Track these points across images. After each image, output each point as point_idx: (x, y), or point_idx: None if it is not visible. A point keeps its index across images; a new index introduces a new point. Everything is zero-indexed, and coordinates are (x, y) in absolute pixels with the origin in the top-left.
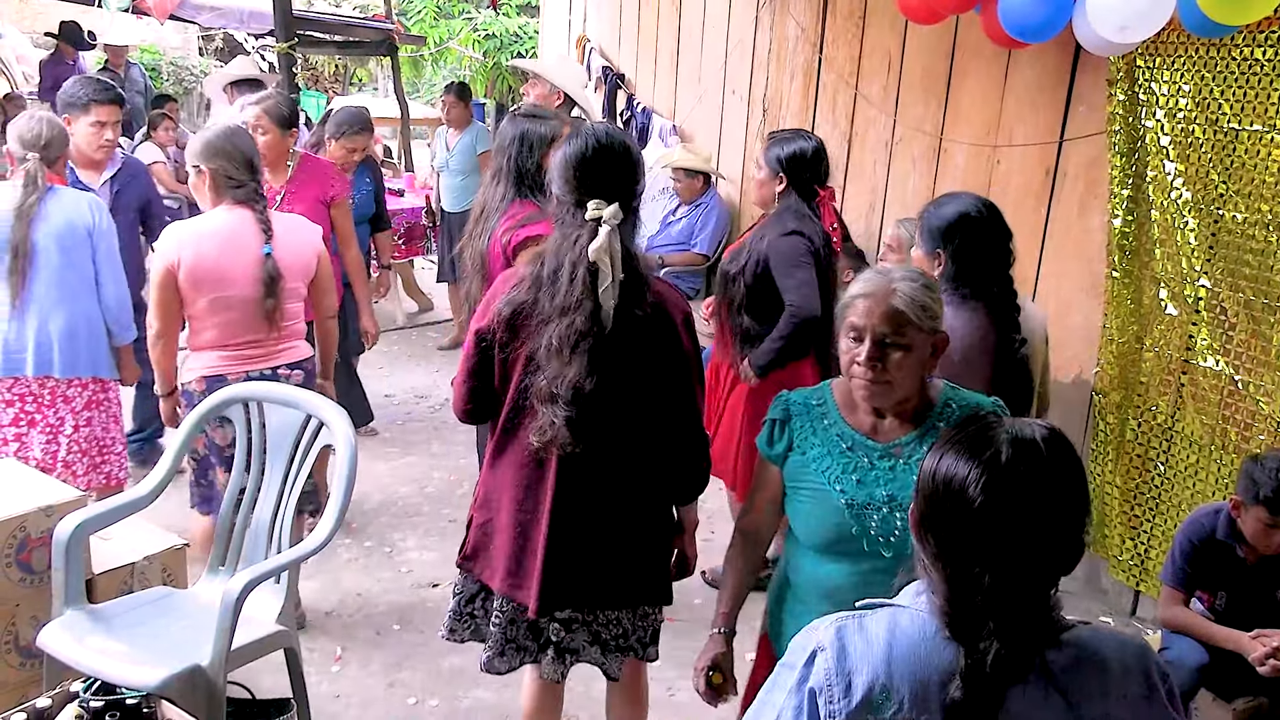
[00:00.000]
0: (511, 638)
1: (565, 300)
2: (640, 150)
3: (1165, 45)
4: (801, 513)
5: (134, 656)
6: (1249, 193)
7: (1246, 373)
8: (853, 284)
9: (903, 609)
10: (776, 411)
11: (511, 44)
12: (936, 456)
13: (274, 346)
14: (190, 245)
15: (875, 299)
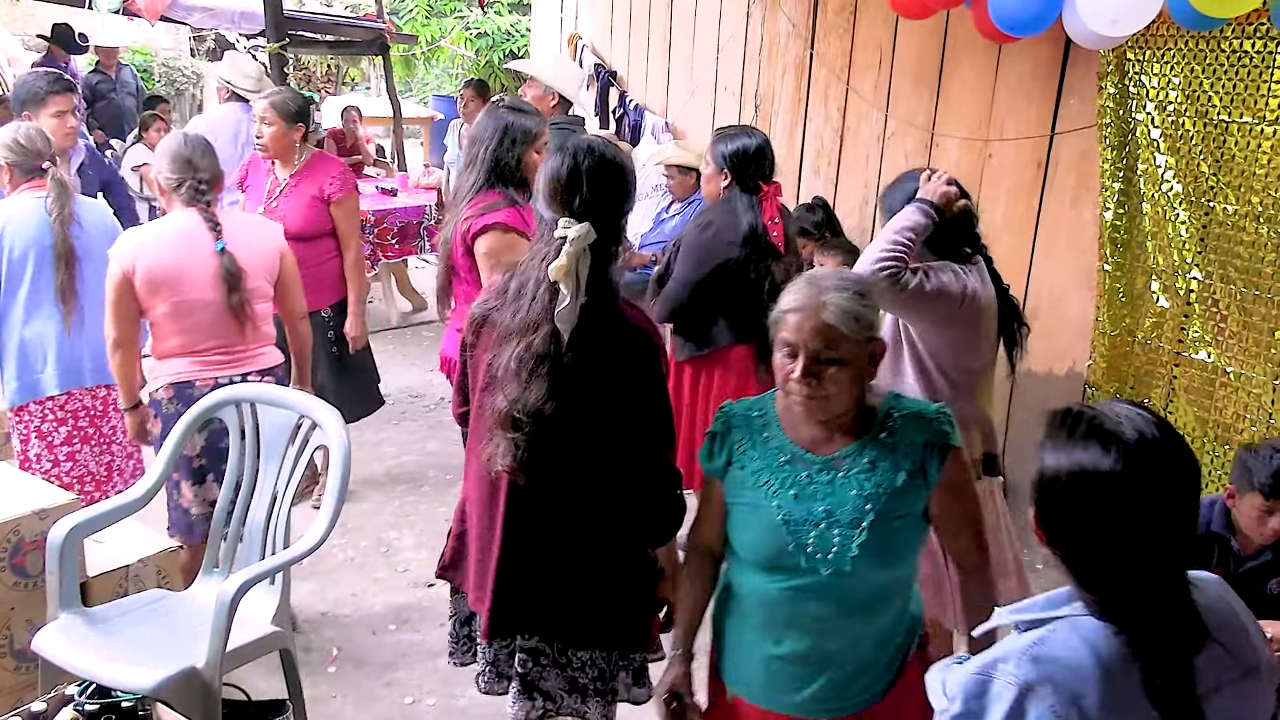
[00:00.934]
0: (491, 660)
1: (524, 319)
2: (631, 168)
3: (1155, 38)
4: (739, 527)
5: (129, 659)
6: (1239, 185)
7: (1239, 364)
8: (784, 295)
9: (1070, 620)
10: (717, 424)
11: (503, 42)
12: (1057, 456)
13: (242, 352)
14: (145, 249)
15: (806, 313)
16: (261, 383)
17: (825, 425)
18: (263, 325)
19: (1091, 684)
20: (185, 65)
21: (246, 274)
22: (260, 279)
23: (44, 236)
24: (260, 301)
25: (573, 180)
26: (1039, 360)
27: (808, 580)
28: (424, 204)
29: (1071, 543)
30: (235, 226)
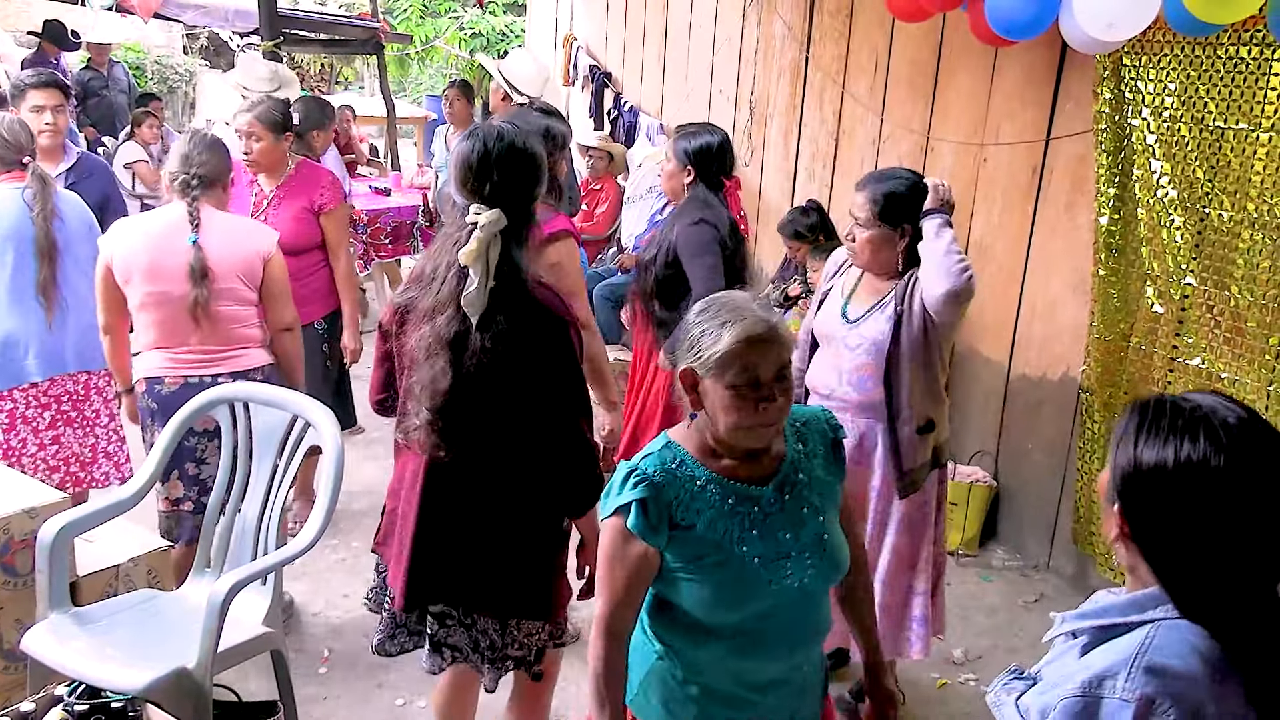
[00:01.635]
0: (401, 623)
1: (433, 302)
2: (541, 154)
3: (1151, 44)
4: (700, 591)
5: (119, 659)
6: (1235, 191)
7: (1233, 371)
8: (728, 325)
9: (1167, 624)
10: (638, 492)
11: (498, 42)
12: (1155, 448)
13: (215, 352)
14: (122, 238)
15: (769, 344)
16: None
17: (756, 452)
18: (237, 327)
19: (1207, 693)
20: (178, 63)
21: (214, 272)
22: (233, 280)
23: (23, 228)
24: (232, 303)
25: (483, 166)
26: (1033, 365)
27: (779, 603)
28: (417, 204)
29: (1168, 539)
30: (220, 225)
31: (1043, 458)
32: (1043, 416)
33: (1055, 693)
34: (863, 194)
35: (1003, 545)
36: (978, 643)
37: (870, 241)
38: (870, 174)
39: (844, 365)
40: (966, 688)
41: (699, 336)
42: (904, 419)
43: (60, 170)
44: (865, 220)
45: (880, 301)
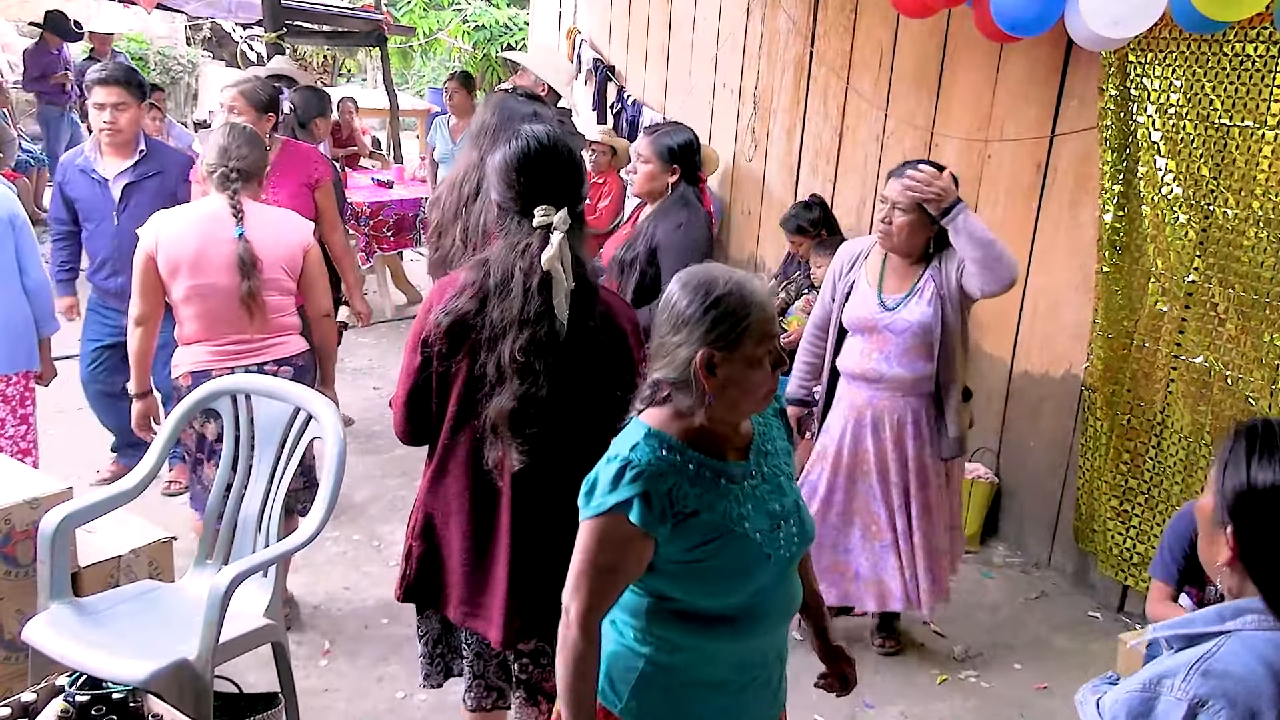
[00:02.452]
0: (480, 673)
1: (522, 312)
2: (580, 153)
3: (1157, 41)
4: (711, 577)
5: (120, 650)
6: (1240, 189)
7: (1236, 368)
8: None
9: (1239, 634)
10: (635, 487)
11: (501, 35)
12: (1267, 472)
13: (259, 341)
14: (167, 230)
15: (770, 311)
16: (278, 372)
17: (736, 427)
18: (278, 316)
19: (1268, 700)
20: (181, 54)
21: (261, 262)
22: (277, 270)
23: None
24: (277, 293)
25: (543, 165)
26: (1036, 362)
27: (773, 575)
28: (420, 196)
29: (1274, 555)
30: (261, 216)
31: (1045, 455)
32: (1045, 414)
33: (1123, 690)
34: (901, 180)
35: (1004, 542)
36: (979, 640)
37: (909, 225)
38: (905, 162)
39: (892, 350)
40: (967, 684)
41: (716, 316)
42: (952, 391)
43: (123, 167)
44: (906, 205)
45: (916, 286)
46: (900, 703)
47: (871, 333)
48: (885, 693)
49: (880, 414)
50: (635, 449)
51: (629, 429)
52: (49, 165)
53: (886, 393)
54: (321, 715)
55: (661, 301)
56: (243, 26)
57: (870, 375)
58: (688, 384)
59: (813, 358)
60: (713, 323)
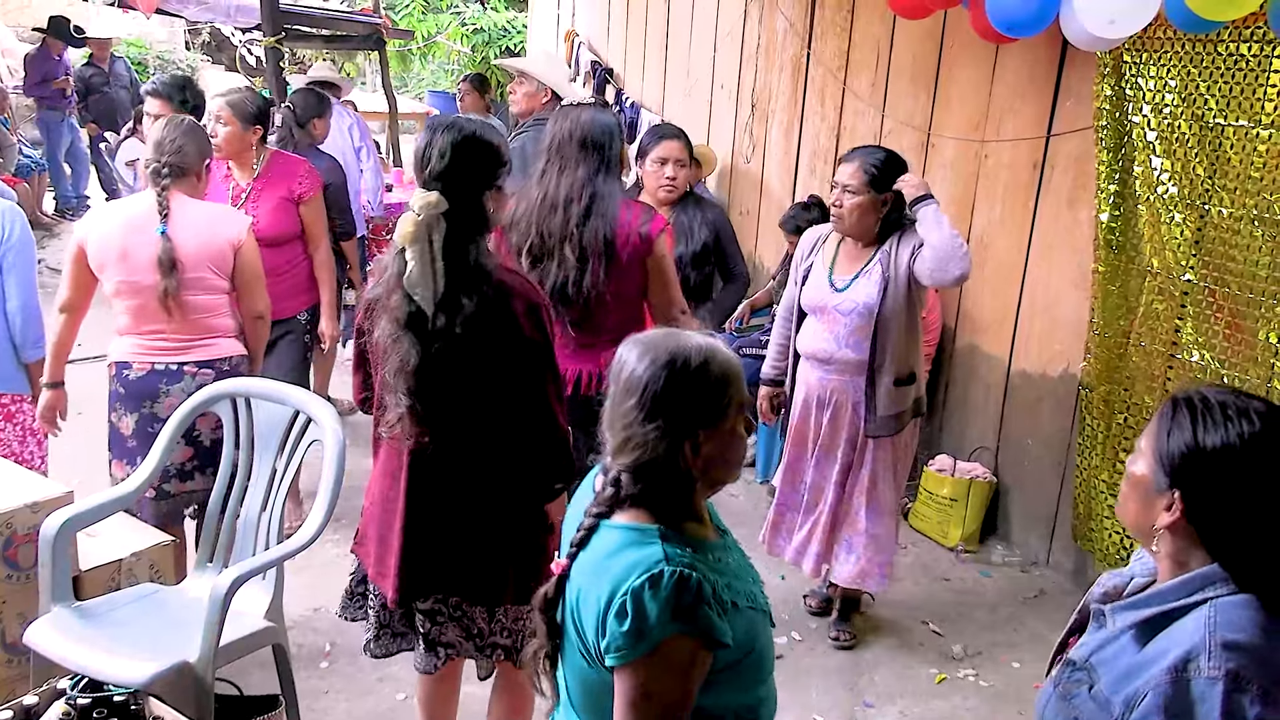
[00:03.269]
0: (385, 623)
1: (385, 287)
2: (497, 142)
3: (1152, 40)
4: (752, 669)
5: (121, 653)
6: (1235, 188)
7: (1232, 367)
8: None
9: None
10: (696, 593)
11: (500, 38)
12: (1214, 434)
13: (182, 339)
14: (96, 225)
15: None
16: (197, 374)
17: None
18: (206, 316)
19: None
20: (180, 58)
21: (183, 262)
22: (202, 270)
23: None
24: (202, 292)
25: (424, 151)
26: (1033, 360)
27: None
28: None
29: (1232, 516)
30: (191, 215)
31: (1043, 454)
32: (1043, 413)
33: (1138, 682)
34: (853, 164)
35: (1002, 541)
36: (977, 639)
37: (859, 207)
38: (854, 149)
39: (839, 330)
40: (966, 683)
41: (700, 394)
42: (884, 372)
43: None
44: (856, 187)
45: (864, 268)
46: (899, 702)
47: (823, 313)
48: (884, 692)
49: (828, 393)
50: (663, 555)
51: (609, 540)
52: (49, 170)
53: (835, 373)
54: (322, 717)
55: (616, 374)
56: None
57: (820, 355)
58: (665, 470)
59: (783, 339)
60: (697, 402)
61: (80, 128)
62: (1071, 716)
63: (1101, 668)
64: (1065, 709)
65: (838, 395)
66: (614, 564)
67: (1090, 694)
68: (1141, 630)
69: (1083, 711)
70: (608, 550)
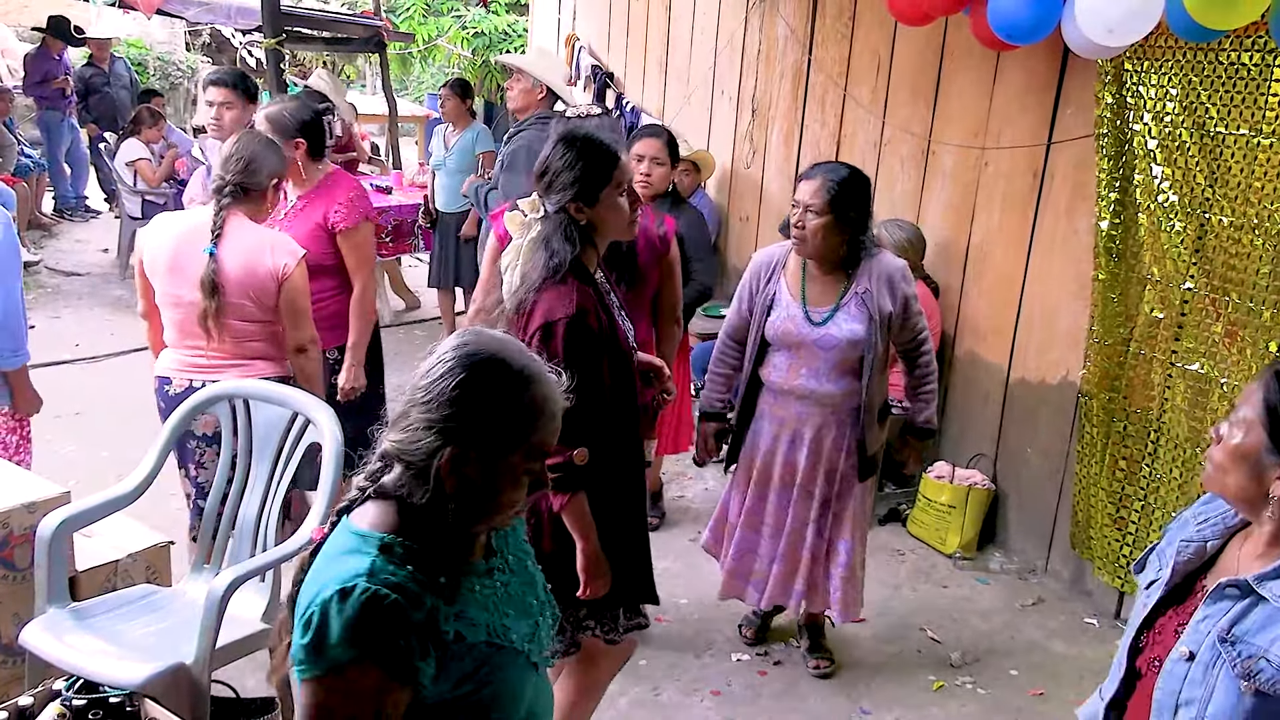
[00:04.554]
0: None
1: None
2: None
3: (1153, 49)
4: (479, 713)
5: (117, 654)
6: (1235, 196)
7: (1232, 376)
8: (547, 398)
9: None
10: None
11: (501, 42)
12: None
13: (219, 359)
14: (154, 234)
15: (559, 421)
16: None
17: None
18: (245, 341)
19: None
20: (180, 60)
21: (225, 288)
22: (243, 297)
23: None
24: (241, 319)
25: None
26: (1032, 369)
27: (538, 685)
28: (418, 202)
29: None
30: (242, 240)
31: (1041, 462)
32: (1041, 420)
33: None
34: (813, 182)
35: (1000, 549)
36: (975, 646)
37: (822, 228)
38: (817, 164)
39: (820, 366)
40: (963, 690)
41: (487, 411)
42: (872, 409)
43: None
44: (818, 207)
45: (842, 301)
46: (896, 709)
47: (798, 349)
48: (881, 699)
49: (805, 428)
50: (368, 569)
51: (339, 539)
52: (49, 171)
53: (815, 407)
54: None
55: (429, 357)
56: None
57: (799, 391)
58: (423, 475)
59: (728, 369)
60: (477, 417)
61: (80, 128)
62: (1252, 692)
63: (1263, 643)
64: (1239, 686)
65: (818, 429)
66: (326, 567)
67: (1255, 668)
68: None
69: (1262, 679)
70: (331, 550)
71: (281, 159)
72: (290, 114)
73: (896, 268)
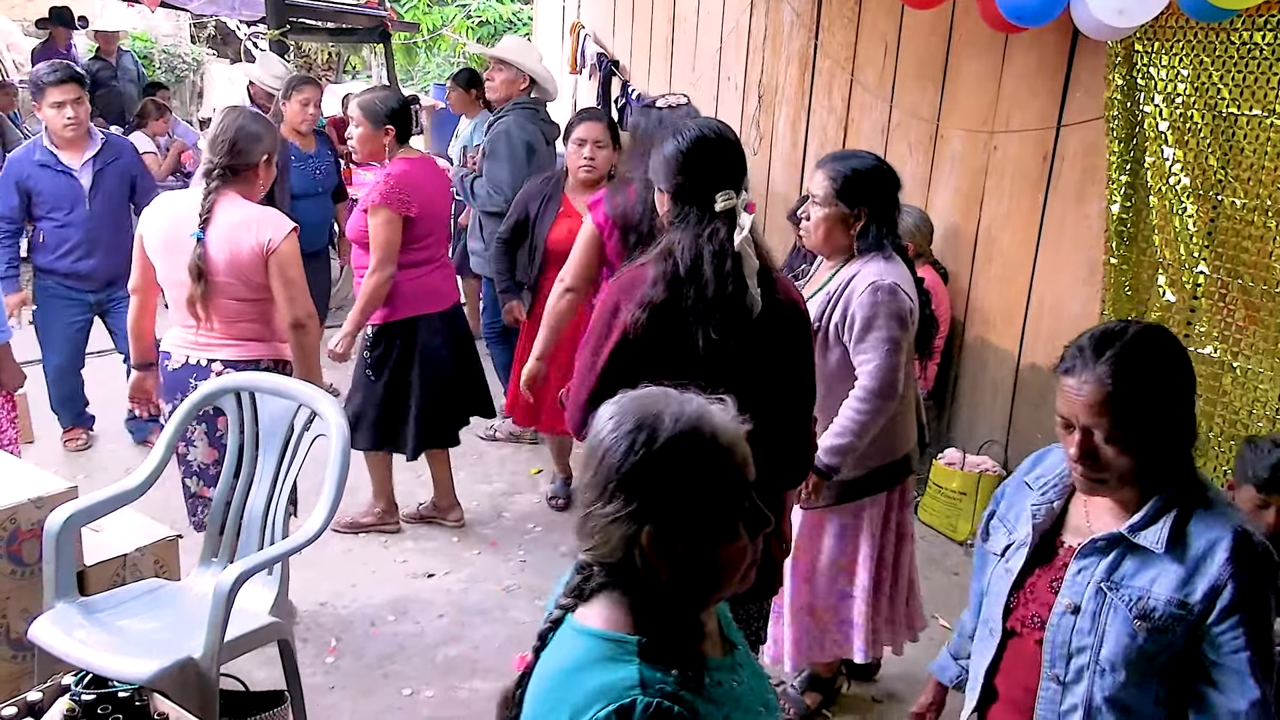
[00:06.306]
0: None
1: (718, 293)
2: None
3: (1164, 29)
4: None
5: (126, 649)
6: (1248, 178)
7: (1245, 359)
8: (715, 430)
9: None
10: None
11: (506, 31)
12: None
13: (214, 337)
14: (152, 215)
15: (742, 449)
16: (223, 373)
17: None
18: (237, 320)
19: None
20: (185, 52)
21: (214, 270)
22: (230, 276)
23: None
24: (233, 298)
25: (721, 153)
26: (1042, 355)
27: None
28: None
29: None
30: (230, 219)
31: None
32: (1052, 406)
33: (1209, 575)
34: (822, 172)
35: None
36: None
37: (825, 220)
38: (831, 154)
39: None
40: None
41: (659, 477)
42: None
43: (87, 157)
44: (822, 198)
45: (823, 285)
46: (909, 697)
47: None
48: (893, 687)
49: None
50: (638, 680)
51: (574, 648)
52: None
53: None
54: (327, 713)
55: (589, 442)
56: (247, 24)
57: None
58: (631, 569)
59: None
60: (661, 486)
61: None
62: (1145, 629)
63: (1144, 584)
64: (1133, 626)
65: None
66: (578, 683)
67: (1147, 607)
68: (1170, 544)
69: (1155, 618)
70: (574, 661)
71: (272, 134)
72: (383, 102)
73: (869, 284)
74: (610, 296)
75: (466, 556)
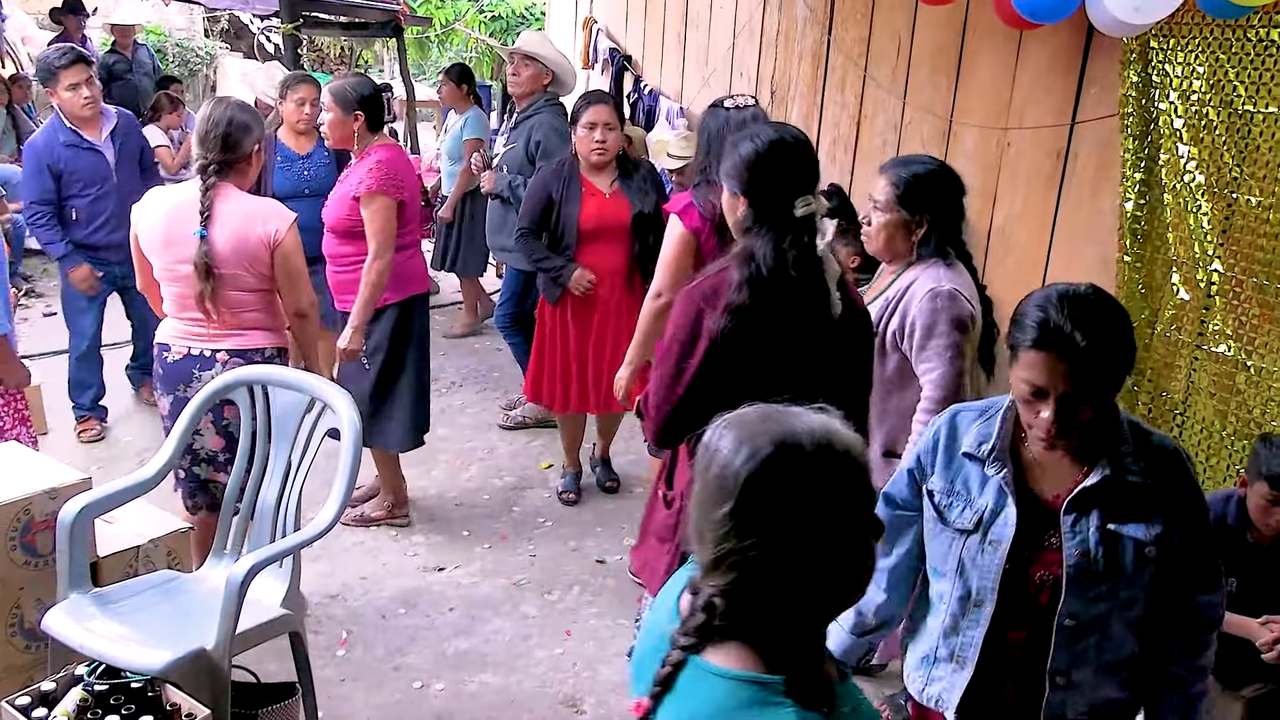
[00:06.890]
0: None
1: (804, 298)
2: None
3: (1180, 26)
4: None
5: (138, 640)
6: (1263, 176)
7: (1259, 358)
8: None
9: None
10: None
11: (518, 25)
12: None
13: (218, 328)
14: (146, 212)
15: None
16: (229, 363)
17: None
18: (242, 311)
19: None
20: (199, 46)
21: (220, 265)
22: (238, 268)
23: None
24: (238, 289)
25: (798, 158)
26: None
27: None
28: (431, 187)
29: None
30: (232, 211)
31: None
32: None
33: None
34: (884, 177)
35: None
36: None
37: (886, 226)
38: (895, 158)
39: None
40: None
41: (807, 498)
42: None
43: (107, 132)
44: (884, 204)
45: (884, 290)
46: None
47: None
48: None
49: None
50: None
51: (713, 693)
52: None
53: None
54: (339, 705)
55: (703, 465)
56: (260, 18)
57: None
58: (762, 598)
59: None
60: (803, 509)
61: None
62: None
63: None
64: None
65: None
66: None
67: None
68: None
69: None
70: (716, 708)
71: (259, 121)
72: (353, 89)
73: (928, 290)
74: (690, 305)
75: (477, 550)
